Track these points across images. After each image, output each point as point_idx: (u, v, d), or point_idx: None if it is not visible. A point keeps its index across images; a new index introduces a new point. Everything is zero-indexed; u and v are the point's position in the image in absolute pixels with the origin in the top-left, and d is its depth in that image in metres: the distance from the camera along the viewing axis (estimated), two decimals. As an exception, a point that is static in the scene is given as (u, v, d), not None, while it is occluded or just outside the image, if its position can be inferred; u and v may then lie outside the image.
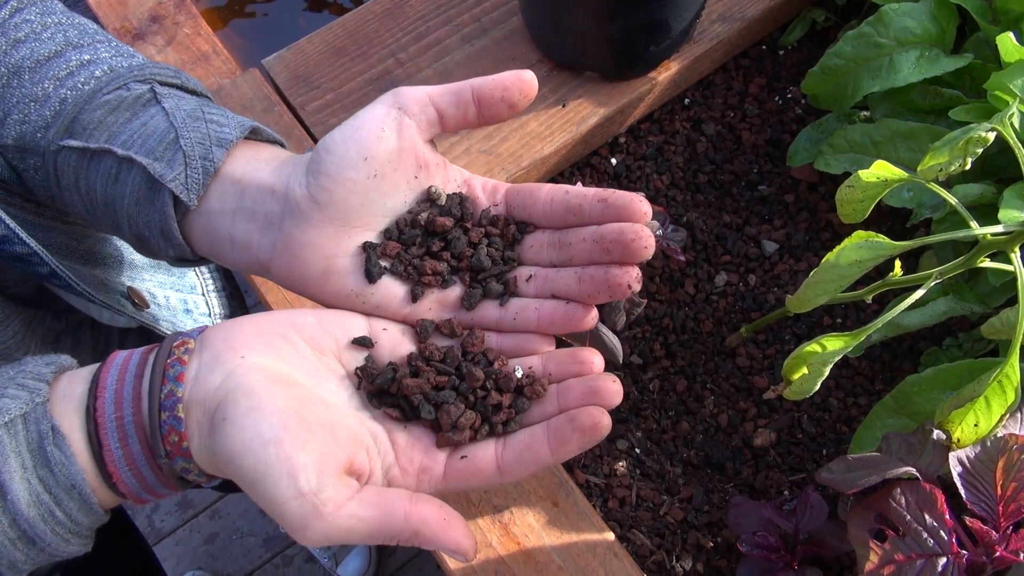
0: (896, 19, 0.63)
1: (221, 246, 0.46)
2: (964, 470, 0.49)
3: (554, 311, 0.44)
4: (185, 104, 0.47)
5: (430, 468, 0.42)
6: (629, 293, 0.43)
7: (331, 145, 0.43)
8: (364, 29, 0.77)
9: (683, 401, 0.71)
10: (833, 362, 0.48)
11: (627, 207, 0.43)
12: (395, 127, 0.44)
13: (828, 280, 0.45)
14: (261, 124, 0.49)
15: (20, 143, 0.49)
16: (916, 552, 0.47)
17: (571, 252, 0.44)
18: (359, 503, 0.38)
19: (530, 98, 0.45)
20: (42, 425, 0.37)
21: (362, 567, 1.63)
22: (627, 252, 0.42)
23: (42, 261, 0.51)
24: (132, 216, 0.47)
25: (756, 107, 0.80)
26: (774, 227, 0.75)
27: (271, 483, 0.36)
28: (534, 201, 0.46)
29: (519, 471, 0.42)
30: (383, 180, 0.44)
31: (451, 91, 0.44)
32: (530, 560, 0.59)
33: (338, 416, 0.41)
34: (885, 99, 0.66)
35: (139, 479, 0.39)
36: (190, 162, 0.45)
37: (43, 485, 0.37)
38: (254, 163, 0.46)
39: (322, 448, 0.37)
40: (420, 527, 0.39)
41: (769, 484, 0.67)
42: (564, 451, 0.41)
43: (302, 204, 0.43)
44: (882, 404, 0.61)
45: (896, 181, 0.45)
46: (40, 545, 0.37)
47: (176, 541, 1.72)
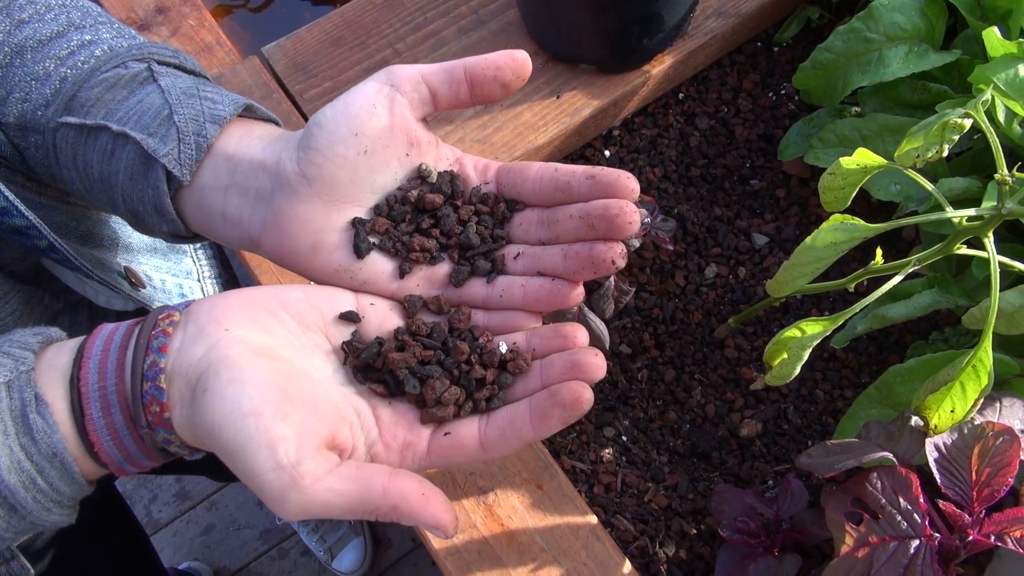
0: (886, 15, 0.64)
1: (213, 222, 0.47)
2: (940, 455, 0.49)
3: (540, 288, 0.45)
4: (181, 82, 0.48)
5: (413, 444, 0.42)
6: (614, 269, 0.43)
7: (322, 120, 0.44)
8: (363, 19, 0.78)
9: (671, 391, 0.72)
10: (811, 346, 0.49)
11: (614, 183, 0.43)
12: (387, 104, 0.44)
13: (805, 262, 0.45)
14: (257, 103, 0.50)
15: (21, 121, 0.50)
16: (890, 535, 0.47)
17: (558, 229, 0.44)
18: (338, 477, 0.37)
19: (523, 78, 0.45)
20: (25, 393, 0.37)
21: (357, 561, 1.63)
22: (611, 227, 0.42)
23: (40, 235, 0.52)
24: (127, 191, 0.47)
25: (750, 103, 0.80)
26: (765, 221, 0.76)
27: (250, 455, 0.36)
28: (524, 179, 0.46)
29: (502, 447, 0.42)
30: (373, 156, 0.44)
31: (444, 69, 0.45)
32: (513, 541, 0.59)
33: (321, 391, 0.41)
34: (874, 94, 0.67)
35: (121, 449, 0.39)
36: (183, 138, 0.45)
37: (25, 453, 0.37)
38: (247, 139, 0.47)
39: (303, 421, 0.37)
40: (399, 502, 0.38)
41: (754, 474, 0.68)
42: (546, 427, 0.41)
43: (292, 179, 0.44)
44: (866, 395, 0.61)
45: (875, 168, 0.46)
46: (21, 513, 0.38)
47: (173, 532, 1.72)
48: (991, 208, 0.41)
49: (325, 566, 1.65)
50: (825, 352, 0.72)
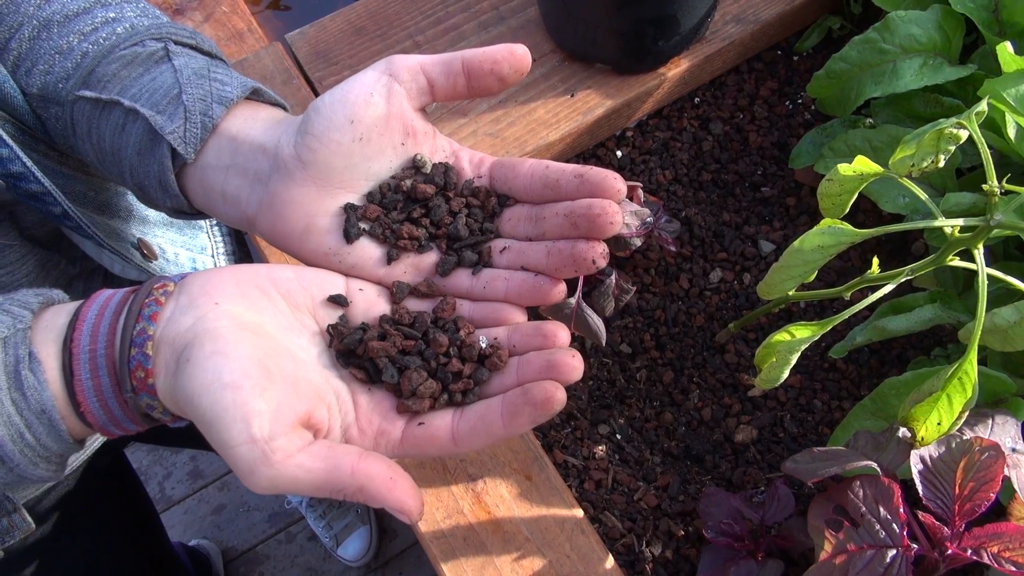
0: (902, 26, 0.64)
1: (214, 200, 0.48)
2: (925, 468, 0.49)
3: (522, 283, 0.45)
4: (194, 63, 0.50)
5: (388, 432, 0.43)
6: (594, 268, 0.44)
7: (320, 106, 0.45)
8: (385, 10, 0.79)
9: (669, 392, 0.72)
10: (800, 350, 0.49)
11: (601, 183, 0.43)
12: (384, 92, 0.45)
13: (793, 265, 0.46)
14: (275, 92, 0.51)
15: (44, 92, 0.52)
16: (868, 543, 0.47)
17: (544, 226, 0.45)
18: (308, 455, 0.38)
19: (520, 72, 0.45)
20: (20, 350, 0.39)
21: (362, 549, 1.65)
22: (593, 227, 0.43)
23: (55, 201, 0.54)
24: (134, 166, 0.49)
25: (765, 110, 0.80)
26: (773, 228, 0.76)
27: (224, 426, 0.36)
28: (515, 175, 0.47)
29: (472, 441, 0.42)
30: (368, 144, 0.45)
31: (442, 61, 0.45)
32: (499, 529, 0.60)
33: (303, 370, 0.42)
34: (887, 106, 0.67)
35: (106, 411, 0.40)
36: (190, 116, 0.47)
37: (15, 407, 0.38)
38: (251, 122, 0.48)
39: (280, 398, 0.38)
40: (366, 483, 0.39)
41: (747, 480, 0.68)
42: (516, 424, 0.41)
43: (288, 162, 0.45)
44: (860, 406, 0.61)
45: (872, 175, 0.46)
46: (9, 465, 0.39)
47: (184, 510, 1.76)
48: (981, 219, 0.41)
49: (330, 552, 1.67)
50: (825, 363, 0.71)
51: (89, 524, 0.84)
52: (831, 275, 0.74)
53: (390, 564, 1.69)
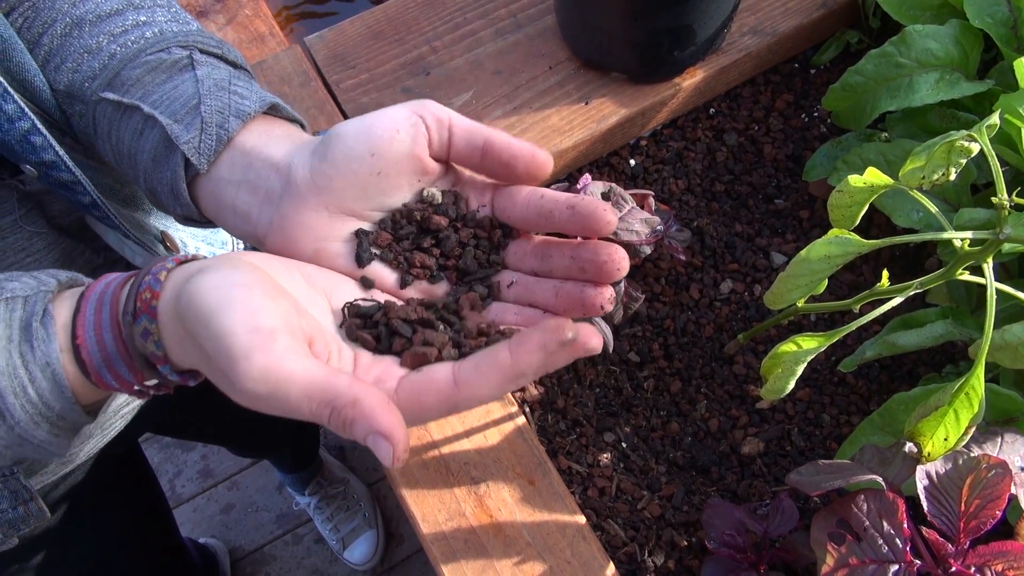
0: (919, 40, 0.64)
1: (225, 213, 0.48)
2: (930, 483, 0.49)
3: (532, 320, 0.45)
4: (216, 73, 0.50)
5: (384, 381, 0.40)
6: (602, 312, 0.44)
7: (343, 134, 0.44)
8: (404, 15, 0.80)
9: (676, 402, 0.72)
10: (806, 361, 0.49)
11: (591, 215, 0.43)
12: (411, 132, 0.44)
13: (800, 275, 0.45)
14: (295, 98, 0.51)
15: (70, 90, 0.53)
16: (870, 558, 0.47)
17: (551, 264, 0.45)
18: (307, 357, 0.35)
19: (535, 177, 0.45)
20: (36, 307, 0.40)
21: (368, 553, 1.65)
22: (600, 273, 0.43)
23: (85, 191, 0.55)
24: (148, 171, 0.50)
25: (781, 122, 0.80)
26: (785, 240, 0.76)
27: (228, 313, 0.34)
28: (513, 204, 0.46)
29: (476, 381, 0.37)
30: (385, 179, 0.45)
31: (468, 128, 0.45)
32: (500, 533, 0.60)
33: (311, 317, 0.40)
34: (902, 120, 0.67)
35: (100, 345, 0.40)
36: (206, 128, 0.47)
37: (22, 359, 0.39)
38: (265, 138, 0.48)
39: (288, 312, 0.37)
40: (361, 396, 0.34)
41: (752, 492, 0.67)
42: (523, 352, 0.37)
43: (301, 186, 0.45)
44: (869, 421, 0.61)
45: (883, 187, 0.46)
46: (10, 422, 0.39)
47: (194, 508, 1.76)
48: (990, 233, 0.41)
49: (337, 555, 1.67)
50: (835, 377, 0.71)
51: (102, 513, 0.85)
52: (843, 290, 0.73)
53: (395, 569, 1.69)
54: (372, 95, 0.77)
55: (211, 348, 0.35)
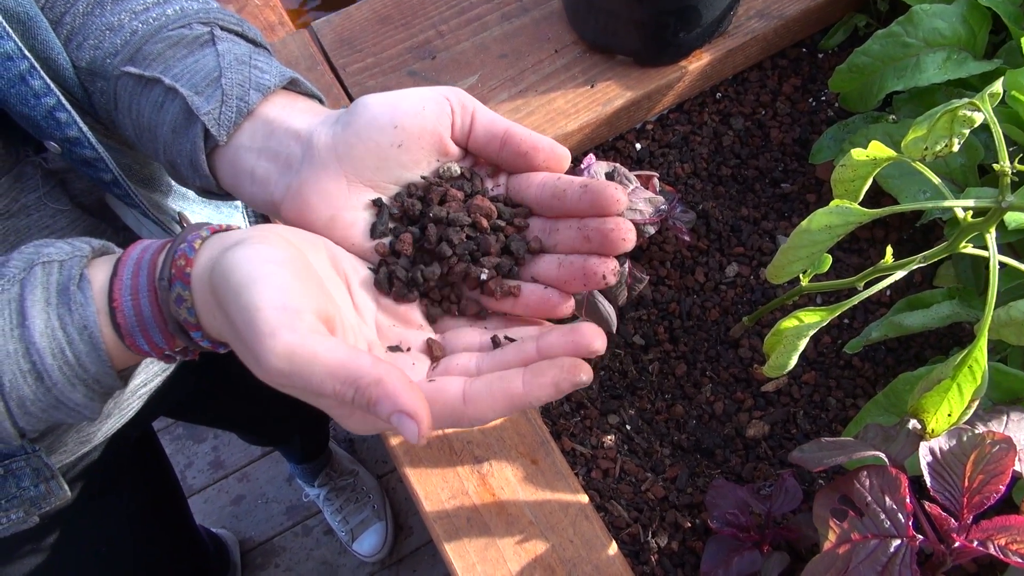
0: (926, 20, 0.63)
1: (242, 180, 0.49)
2: (934, 459, 0.48)
3: (530, 294, 0.45)
4: (237, 49, 0.51)
5: None
6: (604, 284, 0.44)
7: (369, 103, 0.45)
8: (410, 0, 0.80)
9: (680, 385, 0.72)
10: (808, 336, 0.49)
11: (602, 191, 0.43)
12: (435, 110, 0.45)
13: (801, 246, 0.45)
14: (303, 78, 0.52)
15: (92, 66, 0.53)
16: (872, 532, 0.47)
17: (557, 238, 0.45)
18: (332, 338, 0.36)
19: (552, 168, 0.46)
20: (73, 271, 0.41)
21: (377, 545, 1.65)
22: (605, 241, 0.43)
23: (107, 168, 0.56)
24: (168, 143, 0.50)
25: (788, 106, 0.80)
26: (792, 224, 0.75)
27: (258, 289, 0.35)
28: (528, 184, 0.47)
29: (484, 402, 0.38)
30: (405, 152, 0.46)
31: (491, 119, 0.46)
32: (503, 512, 0.60)
33: (334, 300, 0.41)
34: (910, 100, 0.66)
35: (136, 309, 0.41)
36: (226, 100, 0.48)
37: (60, 321, 0.40)
38: (288, 110, 0.49)
39: (315, 292, 0.37)
40: (384, 376, 0.35)
41: (757, 475, 0.67)
42: (537, 385, 0.38)
43: (323, 151, 0.45)
44: (874, 402, 0.60)
45: (885, 160, 0.45)
46: (47, 383, 0.40)
47: (205, 499, 1.77)
48: (991, 200, 0.40)
49: (346, 546, 1.68)
50: (841, 360, 0.70)
51: (117, 494, 0.86)
52: (849, 272, 0.73)
53: (405, 561, 1.70)
54: (378, 79, 0.77)
55: (239, 321, 0.35)
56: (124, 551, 0.89)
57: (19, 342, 0.39)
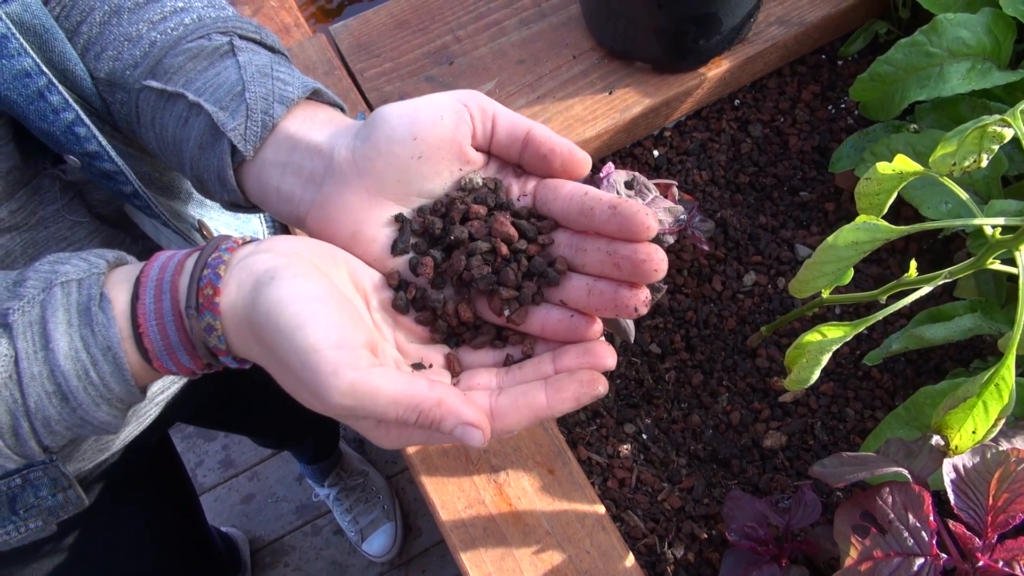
0: (950, 29, 0.62)
1: (269, 196, 0.49)
2: (957, 477, 0.48)
3: (558, 322, 0.44)
4: (258, 59, 0.50)
5: None
6: (636, 315, 0.43)
7: (387, 115, 0.45)
8: (428, 5, 0.80)
9: (697, 394, 0.71)
10: (831, 351, 0.48)
11: (632, 217, 0.42)
12: (454, 118, 0.44)
13: (826, 262, 0.45)
14: (325, 88, 0.52)
15: (111, 78, 0.53)
16: (895, 550, 0.46)
17: (585, 259, 0.44)
18: (390, 370, 0.39)
19: (570, 173, 0.45)
20: (92, 290, 0.41)
21: (387, 545, 1.65)
22: (635, 272, 0.42)
23: (127, 180, 0.55)
24: (195, 159, 0.50)
25: (807, 114, 0.79)
26: (810, 233, 0.75)
27: (311, 330, 0.37)
28: (555, 197, 0.46)
29: (510, 416, 0.41)
30: (426, 163, 0.45)
31: (512, 119, 0.45)
32: (520, 521, 0.60)
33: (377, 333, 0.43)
34: (932, 110, 0.66)
35: (163, 335, 0.41)
36: (251, 115, 0.47)
37: (83, 343, 0.40)
38: (309, 122, 0.48)
39: (360, 325, 0.39)
40: (444, 396, 0.38)
41: (773, 486, 0.66)
42: (560, 399, 0.41)
43: (344, 166, 0.45)
44: (894, 414, 0.60)
45: (912, 174, 0.45)
46: (72, 404, 0.40)
47: (215, 497, 1.78)
48: (1022, 219, 0.40)
49: (355, 547, 1.68)
50: (860, 371, 0.70)
51: (134, 500, 0.86)
52: (869, 283, 0.72)
53: (414, 562, 1.70)
54: (396, 84, 0.77)
55: (295, 362, 0.37)
56: (140, 556, 0.90)
57: (44, 364, 0.40)
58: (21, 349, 0.39)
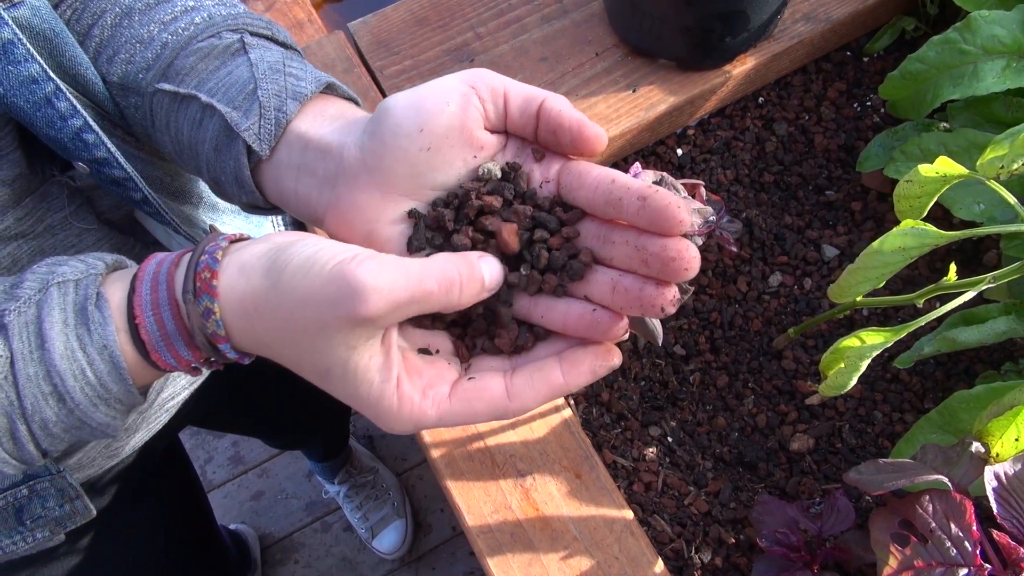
0: (985, 27, 0.61)
1: (288, 197, 0.48)
2: (999, 484, 0.47)
3: (580, 318, 0.42)
4: (269, 56, 0.49)
5: (436, 385, 0.41)
6: (662, 315, 0.40)
7: (392, 108, 0.42)
8: (448, 1, 0.79)
9: (722, 397, 0.71)
10: (870, 357, 0.47)
11: (664, 210, 0.39)
12: (461, 103, 0.42)
13: (871, 267, 0.44)
14: (339, 82, 0.50)
15: (124, 81, 0.52)
16: (937, 560, 0.45)
17: (612, 252, 0.42)
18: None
19: (581, 151, 0.42)
20: (89, 290, 0.40)
21: (397, 543, 1.65)
22: (665, 270, 0.39)
23: (136, 187, 0.54)
24: (211, 161, 0.49)
25: (833, 111, 0.78)
26: (837, 233, 0.74)
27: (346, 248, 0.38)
28: (581, 184, 0.43)
29: (527, 393, 0.41)
30: (436, 154, 0.43)
31: (525, 94, 0.42)
32: (547, 527, 0.59)
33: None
34: (965, 109, 0.64)
35: (158, 323, 0.40)
36: (264, 113, 0.46)
37: (79, 342, 0.39)
38: (320, 120, 0.47)
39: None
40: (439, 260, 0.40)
41: (801, 490, 0.66)
42: (575, 373, 0.41)
43: (354, 165, 0.44)
44: (927, 419, 0.59)
45: (956, 177, 0.44)
46: (69, 405, 0.39)
47: (224, 494, 1.78)
48: (1076, 224, 0.39)
49: (365, 543, 1.68)
50: (888, 373, 0.69)
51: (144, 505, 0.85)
52: (897, 283, 0.71)
53: (424, 558, 1.70)
54: (416, 82, 0.76)
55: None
56: (151, 559, 0.89)
57: (39, 365, 0.39)
58: (16, 350, 0.38)
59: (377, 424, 0.41)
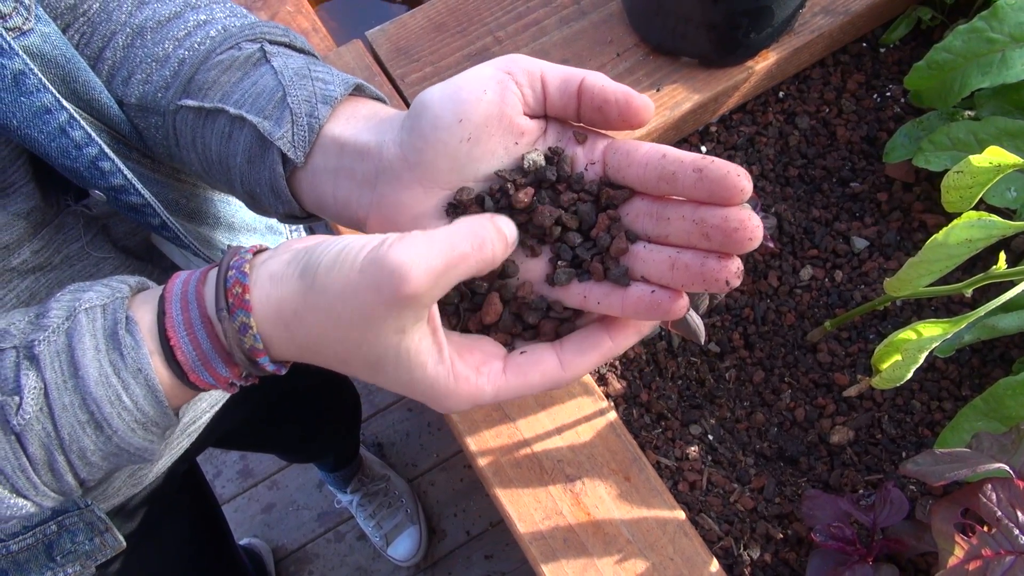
0: (1012, 14, 0.62)
1: (326, 203, 0.47)
2: (1061, 471, 0.47)
3: (639, 300, 0.41)
4: (293, 62, 0.48)
5: (489, 363, 0.41)
6: (727, 289, 0.39)
7: (428, 101, 0.42)
8: (465, 6, 0.79)
9: (759, 392, 0.71)
10: (929, 349, 0.47)
11: (723, 180, 0.38)
12: (498, 91, 0.41)
13: (934, 260, 0.44)
14: (366, 83, 0.49)
15: (143, 102, 0.51)
16: (1005, 548, 0.46)
17: (668, 228, 0.41)
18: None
19: (630, 123, 0.41)
20: (118, 314, 0.39)
21: (412, 549, 1.65)
22: (727, 242, 0.38)
23: (154, 213, 0.53)
24: (244, 174, 0.48)
25: (853, 103, 0.78)
26: (865, 224, 0.74)
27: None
28: (630, 162, 0.42)
29: (580, 360, 0.42)
30: (477, 145, 0.42)
31: (563, 75, 0.42)
32: (599, 531, 0.59)
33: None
34: (993, 97, 0.65)
35: (194, 344, 0.39)
36: (296, 119, 0.45)
37: (113, 367, 0.38)
38: (353, 121, 0.46)
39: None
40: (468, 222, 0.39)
41: (844, 482, 0.66)
42: (624, 336, 0.42)
43: (394, 163, 0.43)
44: (971, 406, 0.59)
45: (1011, 166, 0.44)
46: (107, 432, 0.38)
47: (235, 508, 1.76)
48: None
49: (380, 552, 1.67)
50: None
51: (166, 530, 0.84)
52: (927, 272, 0.72)
53: (439, 564, 1.69)
54: (437, 88, 0.76)
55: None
56: None
57: (74, 393, 0.38)
58: (50, 380, 0.38)
59: (431, 405, 0.40)
